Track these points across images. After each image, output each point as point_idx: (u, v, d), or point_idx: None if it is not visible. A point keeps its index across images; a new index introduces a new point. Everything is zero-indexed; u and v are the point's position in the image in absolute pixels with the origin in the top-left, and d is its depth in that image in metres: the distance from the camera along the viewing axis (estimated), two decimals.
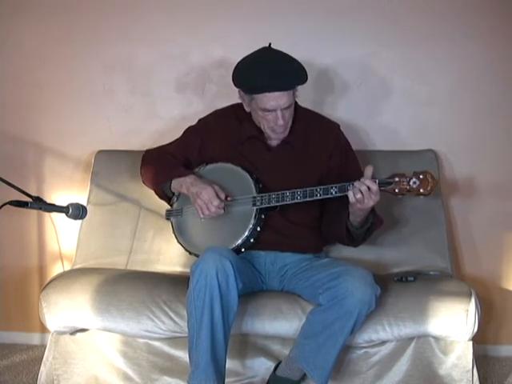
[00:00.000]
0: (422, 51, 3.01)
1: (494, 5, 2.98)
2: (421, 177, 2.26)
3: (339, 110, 3.01)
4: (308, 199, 2.37)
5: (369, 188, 2.27)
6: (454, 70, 3.02)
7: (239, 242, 2.45)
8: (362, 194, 2.27)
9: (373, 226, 2.49)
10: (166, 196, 2.68)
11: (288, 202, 2.40)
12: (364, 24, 3.02)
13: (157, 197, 2.74)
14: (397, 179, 2.27)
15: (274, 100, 2.39)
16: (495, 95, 3.01)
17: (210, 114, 2.73)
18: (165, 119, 3.13)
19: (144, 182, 2.77)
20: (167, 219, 2.69)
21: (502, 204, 3.01)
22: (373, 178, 2.29)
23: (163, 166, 2.65)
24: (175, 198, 2.66)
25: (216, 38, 3.07)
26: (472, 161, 3.02)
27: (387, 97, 3.04)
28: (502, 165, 3.02)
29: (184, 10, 3.09)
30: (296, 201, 2.39)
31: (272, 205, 2.43)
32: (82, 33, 3.13)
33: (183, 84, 3.13)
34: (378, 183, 2.28)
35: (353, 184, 2.29)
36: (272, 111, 2.42)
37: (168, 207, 2.71)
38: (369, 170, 2.30)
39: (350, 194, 2.29)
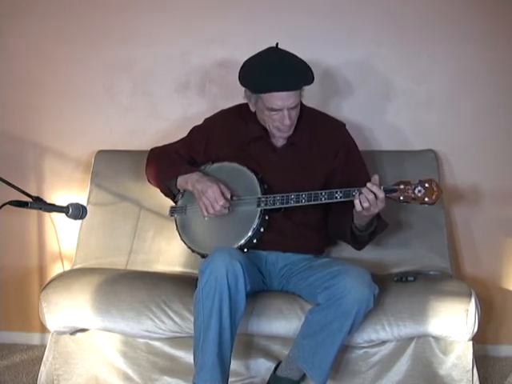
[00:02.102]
0: (422, 51, 3.01)
1: (493, 5, 2.98)
2: (426, 185, 2.24)
3: (338, 110, 3.00)
4: (313, 203, 2.36)
5: (376, 196, 2.26)
6: (453, 70, 3.02)
7: (242, 242, 2.44)
8: (369, 203, 2.26)
9: (376, 229, 2.48)
10: (172, 193, 2.67)
11: (292, 205, 2.40)
12: (364, 24, 3.02)
13: (157, 196, 2.74)
14: (402, 187, 2.25)
15: (281, 100, 2.38)
16: (495, 95, 3.00)
17: (216, 114, 2.73)
18: (165, 119, 3.13)
19: (149, 180, 2.76)
20: (171, 216, 2.68)
21: (502, 204, 3.01)
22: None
23: (169, 164, 2.64)
24: (180, 195, 2.65)
25: (216, 38, 3.07)
26: (472, 161, 3.02)
27: (387, 97, 3.04)
28: (502, 164, 3.02)
29: (184, 9, 3.09)
30: (300, 204, 2.38)
31: (276, 207, 2.43)
32: (82, 33, 3.13)
33: (183, 84, 3.12)
34: (383, 190, 2.26)
35: (359, 190, 2.27)
36: (278, 111, 2.41)
37: (172, 204, 2.70)
38: (375, 179, 2.28)
39: (357, 203, 2.27)
